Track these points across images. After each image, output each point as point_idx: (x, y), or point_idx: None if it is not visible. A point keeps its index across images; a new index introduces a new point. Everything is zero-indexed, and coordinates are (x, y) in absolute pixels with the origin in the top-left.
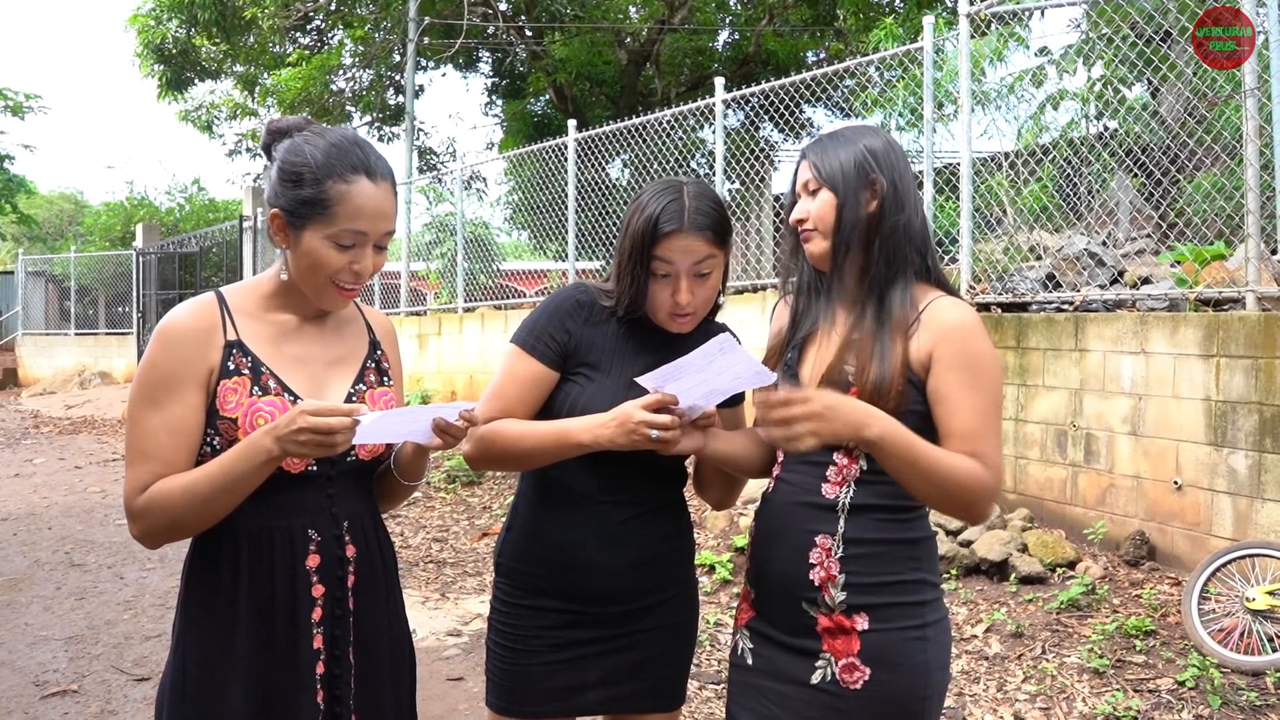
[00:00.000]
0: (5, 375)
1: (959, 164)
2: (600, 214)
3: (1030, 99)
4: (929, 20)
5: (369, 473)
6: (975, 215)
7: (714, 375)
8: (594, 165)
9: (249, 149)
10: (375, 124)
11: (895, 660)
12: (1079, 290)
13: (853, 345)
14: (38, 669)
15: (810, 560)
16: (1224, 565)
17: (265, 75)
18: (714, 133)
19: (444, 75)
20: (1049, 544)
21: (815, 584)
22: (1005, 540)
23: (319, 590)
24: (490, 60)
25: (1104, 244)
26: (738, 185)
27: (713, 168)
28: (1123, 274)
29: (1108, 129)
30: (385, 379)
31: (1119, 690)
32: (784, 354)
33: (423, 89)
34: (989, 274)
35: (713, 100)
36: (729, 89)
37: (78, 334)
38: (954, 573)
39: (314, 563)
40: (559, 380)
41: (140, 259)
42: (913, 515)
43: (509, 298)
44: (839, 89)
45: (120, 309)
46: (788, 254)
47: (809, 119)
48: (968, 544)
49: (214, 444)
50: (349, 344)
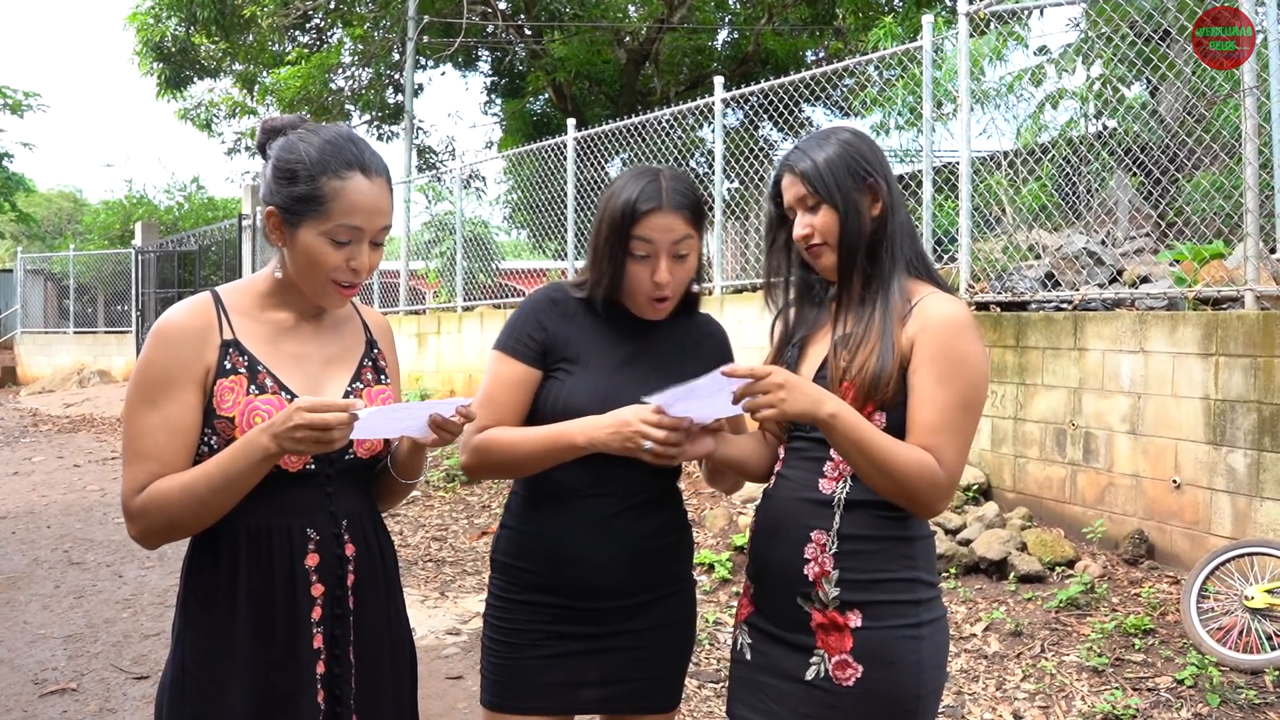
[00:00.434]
0: (4, 373)
1: (958, 163)
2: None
3: (1029, 98)
4: (928, 19)
5: (367, 471)
6: (974, 214)
7: (722, 401)
8: (593, 164)
9: (248, 147)
10: (374, 123)
11: (888, 658)
12: (1078, 289)
13: (855, 339)
14: (36, 667)
15: (805, 555)
16: (1223, 564)
17: (264, 74)
18: (713, 132)
19: (443, 74)
20: (1048, 543)
21: (810, 579)
22: (1004, 539)
23: (318, 589)
24: (489, 59)
25: (1103, 243)
26: (737, 184)
27: (712, 167)
28: (1122, 273)
29: (1107, 128)
30: (382, 377)
31: (1118, 689)
32: (784, 352)
33: (422, 88)
34: (988, 273)
35: (712, 99)
36: (728, 88)
37: (76, 332)
38: (953, 571)
39: (313, 562)
40: (542, 378)
41: (139, 257)
42: (908, 513)
43: (508, 297)
44: (838, 88)
45: (119, 307)
46: (776, 268)
47: (808, 118)
48: (967, 543)
49: (211, 443)
50: (345, 342)
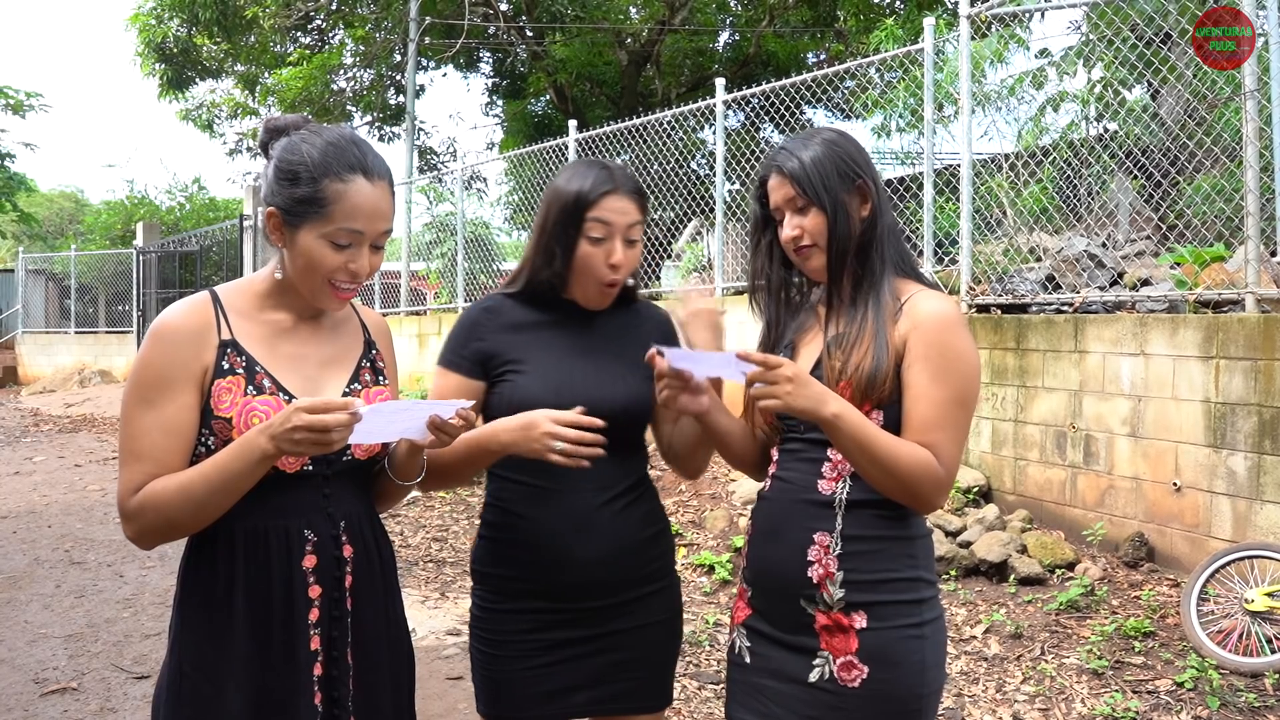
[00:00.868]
0: (5, 373)
1: (959, 165)
2: None
3: (1030, 100)
4: (929, 22)
5: (365, 472)
6: (975, 216)
7: (729, 373)
8: None
9: (250, 148)
10: (376, 124)
11: (893, 659)
12: (1079, 292)
13: (848, 339)
14: (37, 667)
15: (809, 558)
16: (1223, 567)
17: (266, 74)
18: (714, 133)
19: (445, 75)
20: (1048, 545)
21: (814, 581)
22: (1005, 541)
23: (316, 591)
24: (491, 60)
25: (1104, 245)
26: (738, 186)
27: (713, 168)
28: (1122, 275)
29: (1108, 131)
30: (380, 378)
31: (1118, 691)
32: (776, 354)
33: (423, 89)
34: (989, 275)
35: (713, 101)
36: (729, 90)
37: (78, 332)
38: (953, 574)
39: (310, 563)
40: (489, 386)
41: (140, 258)
42: (909, 512)
43: None
44: (839, 90)
45: (120, 307)
46: (761, 270)
47: (809, 120)
48: (967, 545)
49: (208, 444)
50: (344, 343)
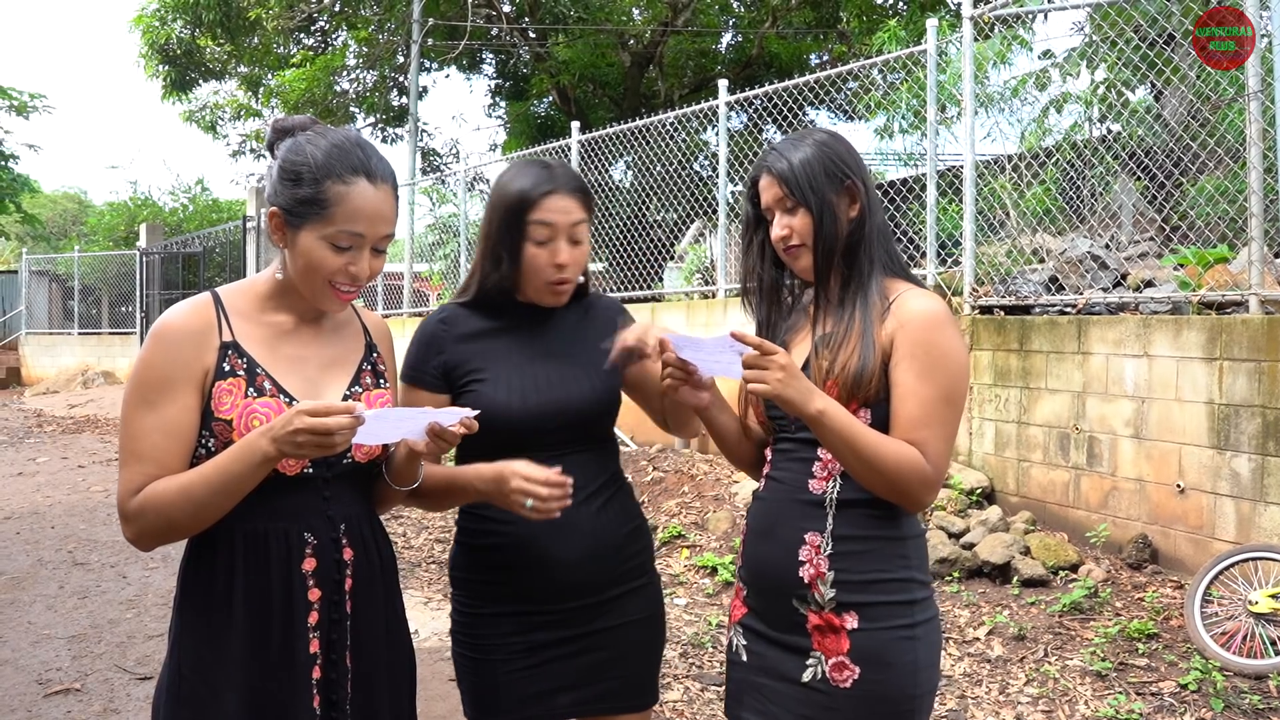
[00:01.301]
0: (9, 374)
1: (962, 166)
2: (603, 216)
3: (1034, 102)
4: (932, 23)
5: (365, 475)
6: (978, 218)
7: (726, 363)
8: (597, 167)
9: (253, 150)
10: (379, 125)
11: (885, 660)
12: (1082, 293)
13: (835, 338)
14: (40, 667)
15: (800, 557)
16: (1227, 568)
17: (269, 76)
18: (717, 135)
19: (447, 77)
20: (1051, 547)
21: (805, 581)
22: (1008, 543)
23: (315, 594)
24: (494, 62)
25: (1107, 247)
26: (741, 188)
27: (716, 170)
28: (1126, 277)
29: (1111, 132)
30: (381, 381)
31: (1121, 693)
32: None
33: (426, 90)
34: (992, 276)
35: (716, 102)
36: (732, 91)
37: (81, 333)
38: (956, 575)
39: (310, 566)
40: (454, 398)
41: (144, 259)
42: (900, 511)
43: None
44: (842, 91)
45: (124, 309)
46: (752, 269)
47: (812, 121)
48: (970, 546)
49: (209, 446)
50: (345, 346)
